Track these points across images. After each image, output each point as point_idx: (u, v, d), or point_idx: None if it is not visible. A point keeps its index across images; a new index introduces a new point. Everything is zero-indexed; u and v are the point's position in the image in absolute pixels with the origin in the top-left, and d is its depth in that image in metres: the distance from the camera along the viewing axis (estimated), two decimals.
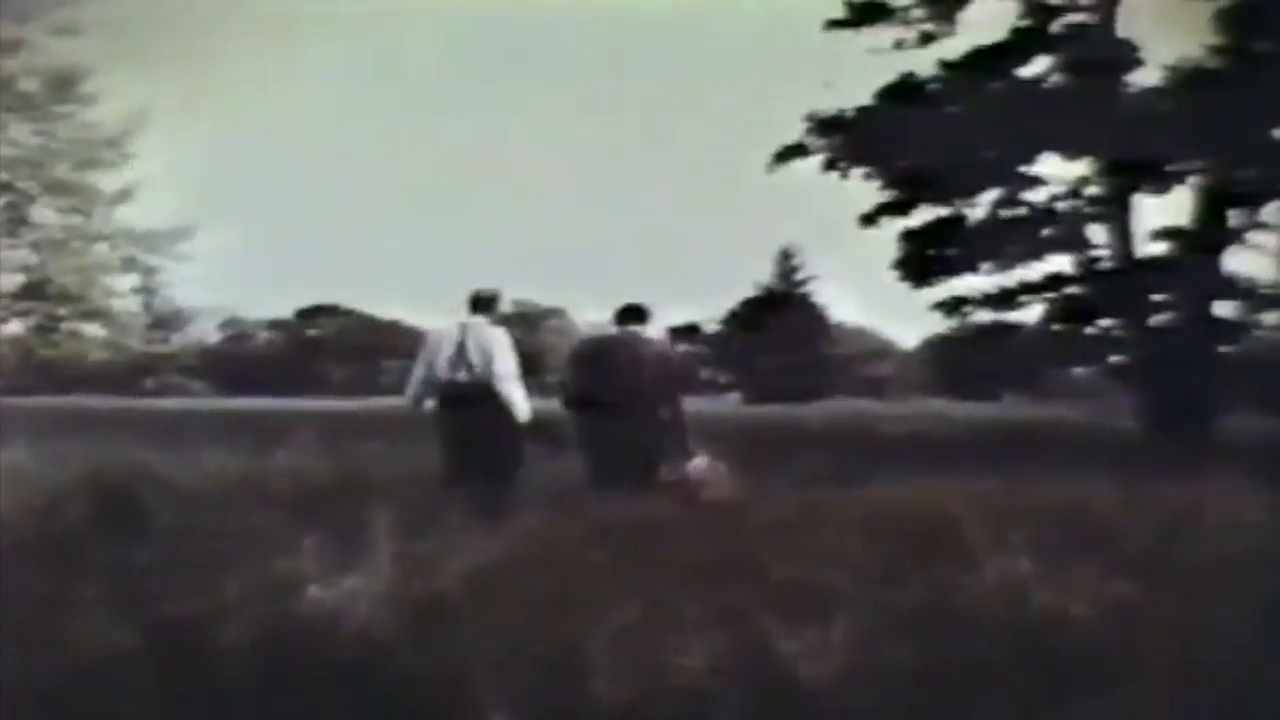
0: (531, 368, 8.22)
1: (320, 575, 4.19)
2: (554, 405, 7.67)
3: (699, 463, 7.05)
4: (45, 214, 27.61)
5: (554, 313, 65.67)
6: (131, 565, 4.67)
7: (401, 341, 73.29)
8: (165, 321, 47.76)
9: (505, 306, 7.68)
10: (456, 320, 7.26)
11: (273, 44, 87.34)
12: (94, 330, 29.38)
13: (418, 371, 7.32)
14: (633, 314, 7.50)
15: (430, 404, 7.33)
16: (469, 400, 7.04)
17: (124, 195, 27.91)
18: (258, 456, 8.63)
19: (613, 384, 7.14)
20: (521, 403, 7.07)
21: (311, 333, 72.69)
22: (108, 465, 7.74)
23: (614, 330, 7.55)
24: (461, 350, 7.10)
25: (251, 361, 69.43)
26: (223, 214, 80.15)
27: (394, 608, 3.99)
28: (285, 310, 73.93)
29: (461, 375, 7.10)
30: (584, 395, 7.29)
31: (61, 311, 28.13)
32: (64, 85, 26.74)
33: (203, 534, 5.20)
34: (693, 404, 8.34)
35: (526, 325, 66.31)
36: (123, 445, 9.95)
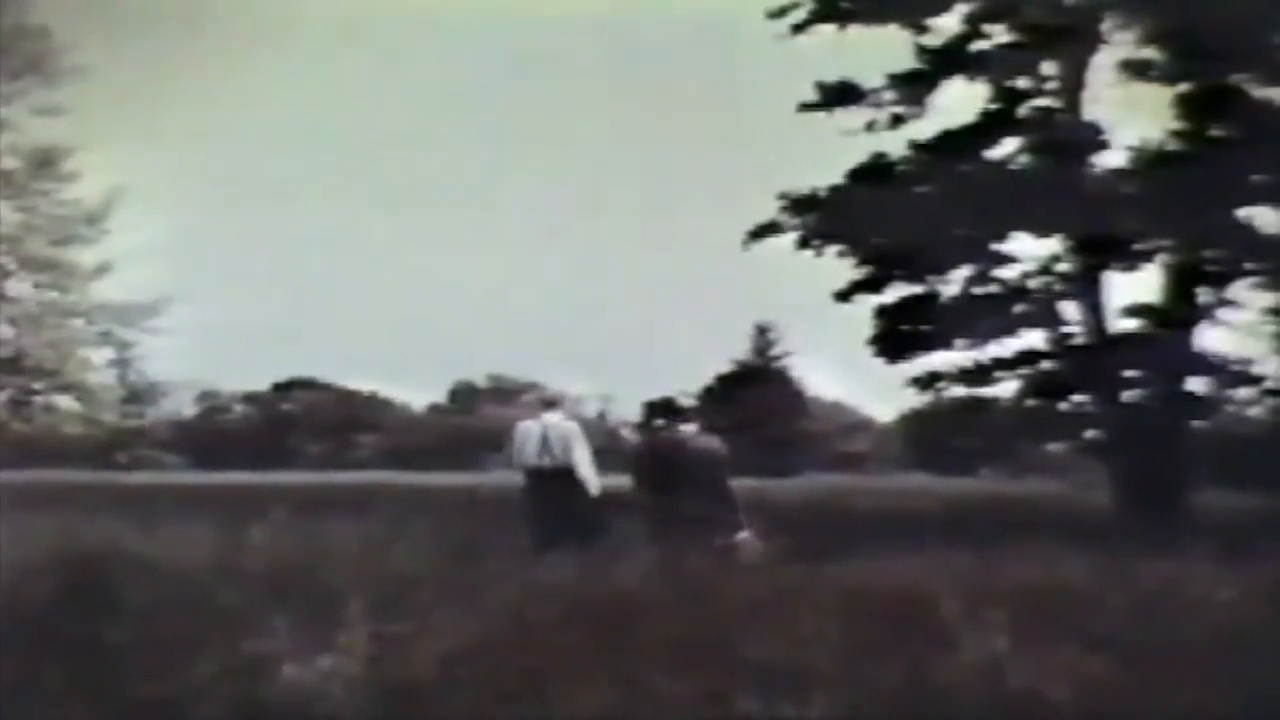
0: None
1: (294, 655, 4.14)
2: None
3: (745, 535, 8.24)
4: (22, 288, 27.52)
5: (530, 387, 65.66)
6: (101, 644, 4.60)
7: (376, 415, 73.10)
8: (140, 395, 47.36)
9: (480, 381, 8.57)
10: (537, 419, 9.05)
11: (248, 121, 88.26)
12: (68, 404, 29.11)
13: (507, 456, 9.28)
14: (672, 412, 8.75)
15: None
16: (553, 480, 8.80)
17: (101, 270, 27.89)
18: (231, 532, 8.51)
19: (673, 474, 8.33)
20: (594, 482, 8.86)
21: (286, 406, 72.33)
22: (78, 541, 7.60)
23: (667, 431, 8.67)
24: (545, 442, 8.92)
25: (226, 435, 68.93)
26: (199, 288, 79.99)
27: (368, 688, 3.95)
28: (261, 384, 73.69)
29: (545, 461, 8.89)
30: (650, 482, 8.47)
31: (36, 386, 27.90)
32: (45, 164, 26.90)
33: (175, 612, 5.12)
34: None
35: (502, 399, 66.23)
36: (94, 520, 9.80)
